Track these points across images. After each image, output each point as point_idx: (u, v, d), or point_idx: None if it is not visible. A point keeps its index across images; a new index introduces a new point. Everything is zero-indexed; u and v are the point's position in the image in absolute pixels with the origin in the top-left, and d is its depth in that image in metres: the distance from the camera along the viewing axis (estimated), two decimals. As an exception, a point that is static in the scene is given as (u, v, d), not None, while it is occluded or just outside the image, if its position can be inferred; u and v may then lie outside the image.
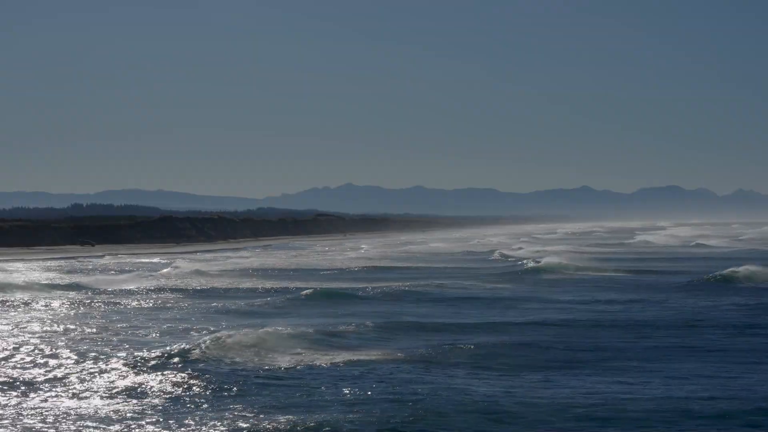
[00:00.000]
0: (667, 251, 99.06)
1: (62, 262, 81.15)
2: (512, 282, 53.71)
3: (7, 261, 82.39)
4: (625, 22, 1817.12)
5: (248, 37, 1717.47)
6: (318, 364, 24.92)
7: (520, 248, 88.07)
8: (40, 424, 18.33)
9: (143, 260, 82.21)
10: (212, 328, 31.49)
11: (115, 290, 49.73)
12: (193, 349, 25.79)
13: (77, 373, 23.35)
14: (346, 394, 20.97)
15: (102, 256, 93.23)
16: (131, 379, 22.47)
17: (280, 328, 29.67)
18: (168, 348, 26.08)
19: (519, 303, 41.82)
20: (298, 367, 24.44)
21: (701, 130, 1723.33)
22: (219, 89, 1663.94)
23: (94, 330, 32.15)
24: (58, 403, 20.09)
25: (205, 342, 26.80)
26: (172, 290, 49.73)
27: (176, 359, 24.70)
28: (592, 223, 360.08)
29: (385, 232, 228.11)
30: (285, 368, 24.33)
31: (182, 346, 26.21)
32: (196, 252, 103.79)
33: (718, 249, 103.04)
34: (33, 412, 19.37)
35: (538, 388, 21.60)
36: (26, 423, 18.45)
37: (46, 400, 20.43)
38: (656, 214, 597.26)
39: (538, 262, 63.01)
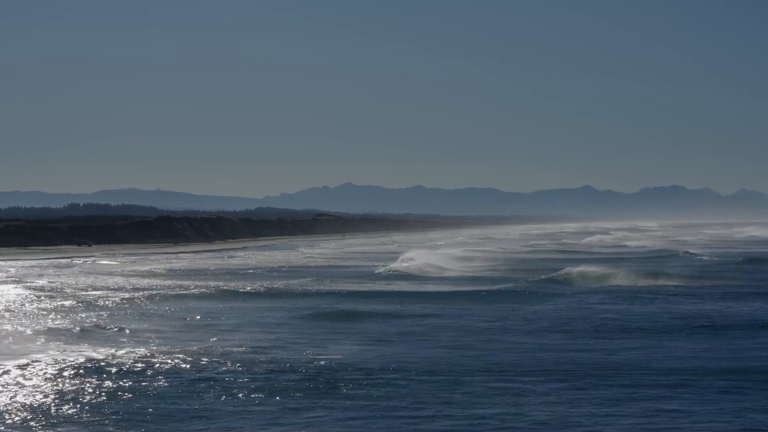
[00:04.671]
0: (585, 251, 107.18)
1: (34, 262, 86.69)
2: (367, 279, 60.94)
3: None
4: (627, 22, 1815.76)
5: (248, 37, 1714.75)
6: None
7: (442, 249, 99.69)
8: None
9: (71, 260, 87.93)
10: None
11: None
12: None
13: None
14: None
15: (90, 256, 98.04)
16: None
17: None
18: None
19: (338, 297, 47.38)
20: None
21: (704, 130, 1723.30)
22: (218, 89, 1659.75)
23: None
24: None
25: None
26: (37, 288, 51.75)
27: None
28: (586, 223, 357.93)
29: (384, 232, 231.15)
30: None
31: None
32: (152, 253, 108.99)
33: (628, 249, 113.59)
34: None
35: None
36: None
37: None
38: (659, 214, 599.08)
39: (395, 267, 69.08)
